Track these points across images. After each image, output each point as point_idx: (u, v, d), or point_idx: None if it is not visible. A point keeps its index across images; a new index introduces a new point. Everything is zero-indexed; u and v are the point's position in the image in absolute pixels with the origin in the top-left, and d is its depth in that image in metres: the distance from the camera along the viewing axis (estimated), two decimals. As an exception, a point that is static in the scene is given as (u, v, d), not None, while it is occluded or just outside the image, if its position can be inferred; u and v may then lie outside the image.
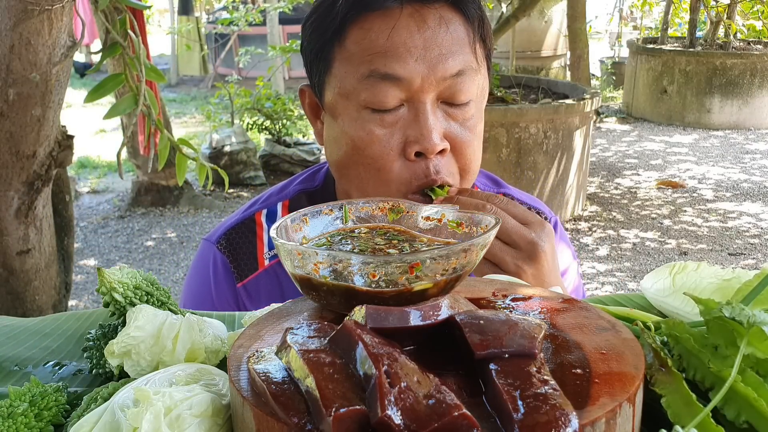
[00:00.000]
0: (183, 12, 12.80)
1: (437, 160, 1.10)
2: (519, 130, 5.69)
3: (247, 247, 1.30)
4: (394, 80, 1.07)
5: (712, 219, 6.21)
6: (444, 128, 1.11)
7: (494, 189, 1.38)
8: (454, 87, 1.10)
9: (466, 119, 1.13)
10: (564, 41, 10.84)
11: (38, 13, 1.76)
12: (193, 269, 1.37)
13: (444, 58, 1.08)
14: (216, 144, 7.12)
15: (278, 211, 1.33)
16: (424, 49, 1.07)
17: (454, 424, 0.50)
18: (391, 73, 1.07)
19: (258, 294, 1.28)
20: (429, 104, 1.09)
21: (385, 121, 1.10)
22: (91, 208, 6.69)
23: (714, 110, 9.53)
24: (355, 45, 1.10)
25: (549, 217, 1.36)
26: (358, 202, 0.84)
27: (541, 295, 0.76)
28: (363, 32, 1.09)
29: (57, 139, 2.12)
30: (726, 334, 0.65)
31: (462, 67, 1.10)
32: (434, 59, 1.08)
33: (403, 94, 1.09)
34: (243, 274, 1.29)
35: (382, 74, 1.07)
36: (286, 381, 0.58)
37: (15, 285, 2.23)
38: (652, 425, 0.61)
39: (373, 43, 1.08)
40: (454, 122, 1.12)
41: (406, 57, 1.07)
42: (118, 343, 0.75)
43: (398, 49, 1.07)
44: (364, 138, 1.11)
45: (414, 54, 1.07)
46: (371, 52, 1.08)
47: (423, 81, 1.08)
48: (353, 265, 0.69)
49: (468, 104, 1.12)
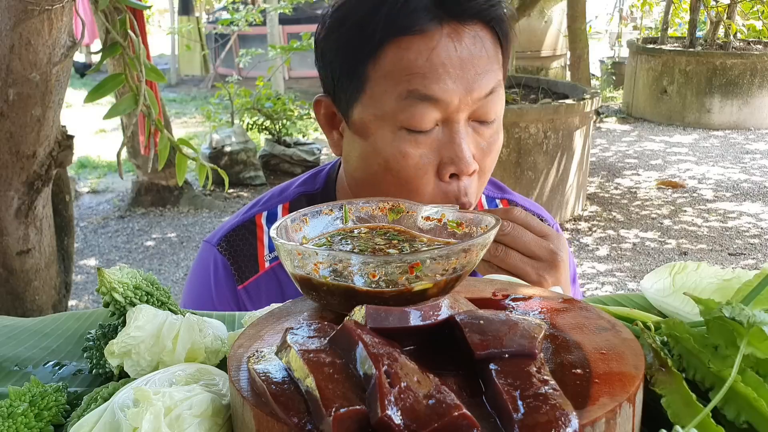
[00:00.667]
0: (183, 12, 12.80)
1: (468, 180, 1.11)
2: (519, 130, 5.69)
3: (247, 249, 1.30)
4: (433, 101, 1.06)
5: (712, 219, 6.21)
6: (474, 148, 1.11)
7: (498, 194, 1.38)
8: (486, 106, 1.10)
9: (492, 136, 1.13)
10: (564, 41, 10.85)
11: (38, 13, 1.76)
12: (193, 271, 1.36)
13: (480, 78, 1.08)
14: (216, 144, 7.12)
15: (278, 213, 1.33)
16: (461, 69, 1.06)
17: (454, 424, 0.50)
18: (431, 94, 1.06)
19: (259, 296, 1.28)
20: (462, 125, 1.09)
21: (420, 142, 1.09)
22: (91, 208, 6.69)
23: (714, 110, 9.53)
24: (392, 65, 1.08)
25: (551, 223, 1.37)
26: (358, 202, 0.84)
27: (541, 295, 0.76)
28: (401, 52, 1.07)
29: (57, 139, 2.12)
30: (726, 334, 0.65)
31: (494, 85, 1.09)
32: (470, 79, 1.07)
33: (440, 115, 1.08)
34: (244, 276, 1.29)
35: (422, 95, 1.06)
36: (286, 381, 0.58)
37: (15, 285, 2.23)
38: (652, 425, 0.61)
39: (412, 64, 1.06)
40: (482, 140, 1.12)
41: (444, 78, 1.06)
42: (118, 343, 0.75)
43: (437, 70, 1.06)
44: (399, 159, 1.10)
45: (452, 75, 1.06)
46: (409, 72, 1.06)
47: (460, 102, 1.07)
48: (353, 265, 0.69)
49: (494, 122, 1.13)
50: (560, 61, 11.61)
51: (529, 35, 10.89)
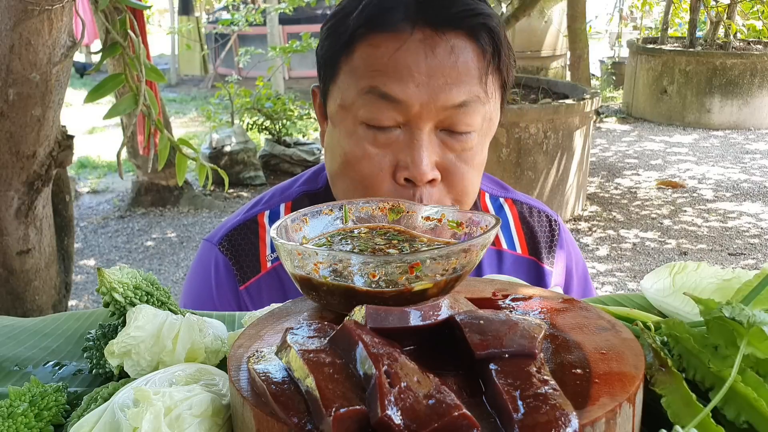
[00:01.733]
0: (183, 12, 12.81)
1: (426, 188, 1.08)
2: (519, 130, 5.69)
3: (249, 248, 1.29)
4: (392, 101, 1.06)
5: (712, 219, 6.21)
6: (438, 157, 1.09)
7: (502, 193, 1.37)
8: (455, 117, 1.07)
9: (464, 150, 1.10)
10: (564, 41, 10.84)
11: (38, 13, 1.75)
12: (193, 270, 1.35)
13: (448, 88, 1.06)
14: (216, 144, 7.12)
15: (281, 212, 1.32)
16: (428, 76, 1.05)
17: (454, 424, 0.50)
18: (390, 93, 1.06)
19: (260, 296, 1.27)
20: (425, 132, 1.07)
21: (379, 140, 1.08)
22: (91, 208, 6.69)
23: (714, 110, 9.53)
24: (360, 60, 1.09)
25: (556, 219, 1.36)
26: (358, 202, 0.84)
27: (541, 295, 0.76)
28: (371, 48, 1.08)
29: (57, 139, 2.12)
30: (726, 334, 0.65)
31: (466, 98, 1.07)
32: (437, 88, 1.05)
33: (401, 117, 1.07)
34: (245, 277, 1.28)
35: (381, 93, 1.06)
36: (286, 381, 0.58)
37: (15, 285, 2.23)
38: (652, 425, 0.61)
39: (377, 61, 1.07)
40: (451, 152, 1.10)
41: (407, 81, 1.05)
42: (118, 343, 0.75)
43: (401, 72, 1.05)
44: (357, 154, 1.10)
45: (417, 79, 1.05)
46: (374, 69, 1.07)
47: (422, 108, 1.06)
48: (353, 265, 0.69)
49: (468, 135, 1.10)
50: (560, 61, 11.60)
51: (529, 35, 10.89)
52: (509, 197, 1.37)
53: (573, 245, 1.39)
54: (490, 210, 1.35)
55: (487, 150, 1.19)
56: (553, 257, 1.33)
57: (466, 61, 1.07)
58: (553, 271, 1.32)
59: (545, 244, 1.33)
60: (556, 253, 1.33)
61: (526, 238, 1.33)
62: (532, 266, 1.32)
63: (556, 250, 1.33)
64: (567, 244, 1.37)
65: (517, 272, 1.30)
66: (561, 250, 1.34)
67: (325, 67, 1.15)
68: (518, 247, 1.32)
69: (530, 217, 1.34)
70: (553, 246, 1.33)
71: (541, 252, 1.32)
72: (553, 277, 1.32)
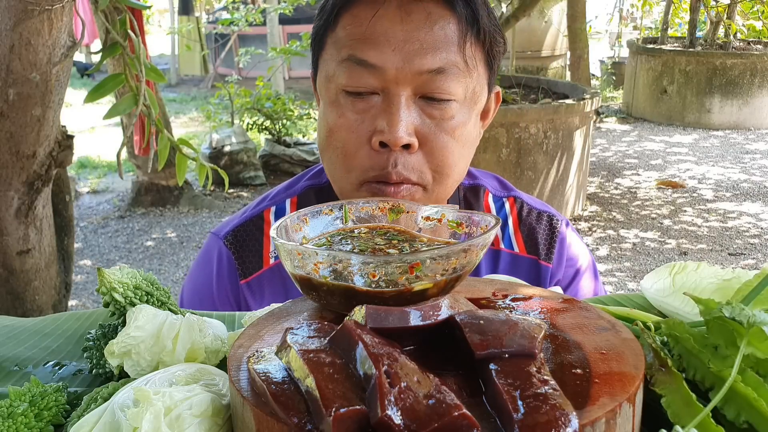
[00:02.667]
0: (183, 12, 12.81)
1: (401, 155, 1.09)
2: (519, 130, 5.69)
3: (253, 244, 1.31)
4: (369, 67, 1.08)
5: (712, 219, 6.21)
6: (416, 124, 1.09)
7: (503, 193, 1.37)
8: (432, 83, 1.08)
9: (444, 119, 1.11)
10: (564, 41, 10.84)
11: (38, 13, 1.76)
12: (196, 262, 1.37)
13: (423, 53, 1.07)
14: (216, 144, 7.12)
15: (287, 208, 1.34)
16: (404, 41, 1.07)
17: (454, 424, 0.50)
18: (366, 59, 1.07)
19: (261, 292, 1.29)
20: (403, 97, 1.08)
21: (358, 106, 1.10)
22: (91, 208, 6.69)
23: (714, 110, 9.53)
24: (342, 30, 1.11)
25: (560, 219, 1.36)
26: (358, 202, 0.85)
27: (541, 295, 0.76)
28: (351, 18, 1.10)
29: (57, 139, 2.12)
30: (726, 334, 0.65)
31: (443, 65, 1.08)
32: (412, 52, 1.07)
33: (378, 83, 1.09)
34: (247, 272, 1.29)
35: (358, 60, 1.08)
36: (286, 381, 0.58)
37: (15, 285, 2.23)
38: (652, 425, 0.61)
39: (356, 29, 1.09)
40: (430, 120, 1.10)
41: (383, 46, 1.07)
42: (118, 343, 0.75)
43: (378, 38, 1.07)
44: (337, 121, 1.12)
45: (392, 44, 1.07)
46: (353, 38, 1.09)
47: (397, 72, 1.07)
48: (353, 265, 0.69)
49: (448, 103, 1.10)
50: (560, 61, 11.61)
51: (529, 35, 10.89)
52: (512, 196, 1.37)
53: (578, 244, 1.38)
54: (492, 209, 1.35)
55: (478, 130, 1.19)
56: (554, 253, 1.33)
57: (442, 27, 1.09)
58: (551, 267, 1.32)
59: (544, 242, 1.33)
60: (556, 250, 1.33)
61: (524, 237, 1.33)
62: (531, 264, 1.32)
63: (556, 246, 1.33)
64: (573, 242, 1.36)
65: (515, 271, 1.30)
66: (562, 247, 1.34)
67: (314, 43, 1.18)
68: (516, 247, 1.32)
69: (529, 217, 1.34)
70: (553, 243, 1.33)
71: (540, 250, 1.32)
72: (554, 273, 1.32)
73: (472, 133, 1.17)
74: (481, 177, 1.39)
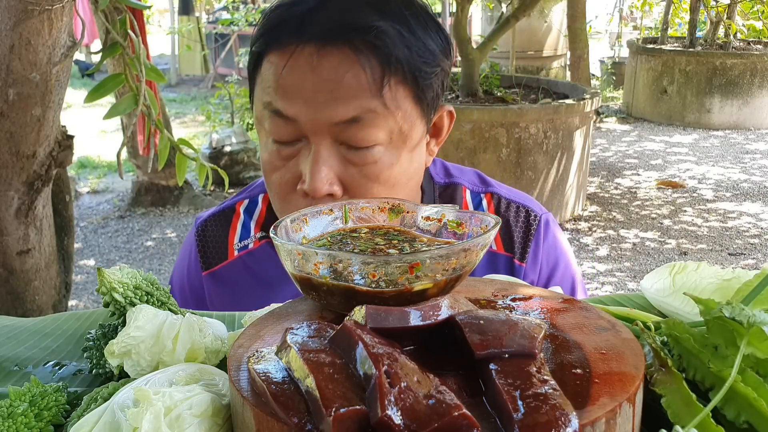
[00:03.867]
0: (183, 12, 12.80)
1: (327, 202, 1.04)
2: (519, 130, 5.69)
3: (219, 235, 1.33)
4: (284, 118, 1.07)
5: (712, 219, 6.21)
6: (338, 172, 1.07)
7: (482, 188, 1.35)
8: (348, 132, 1.05)
9: (366, 164, 1.08)
10: (564, 41, 10.84)
11: (38, 13, 1.75)
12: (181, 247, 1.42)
13: (335, 104, 1.04)
14: (216, 144, 7.12)
15: (259, 202, 1.35)
16: (313, 92, 1.04)
17: (454, 424, 0.50)
18: (281, 110, 1.06)
19: (225, 283, 1.31)
20: (323, 147, 1.06)
21: (283, 154, 1.10)
22: (91, 208, 6.69)
23: (714, 110, 9.53)
24: (263, 76, 1.10)
25: (539, 214, 1.32)
26: (359, 202, 0.85)
27: (541, 295, 0.76)
28: (269, 65, 1.09)
29: (57, 139, 2.12)
30: (726, 334, 0.65)
31: (357, 114, 1.04)
32: (323, 104, 1.04)
33: (297, 133, 1.07)
34: (209, 263, 1.32)
35: (273, 110, 1.07)
36: (286, 381, 0.58)
37: (15, 285, 2.23)
38: (652, 425, 0.61)
39: (272, 78, 1.07)
40: (352, 167, 1.08)
41: (294, 98, 1.05)
42: (118, 343, 0.75)
43: (288, 89, 1.05)
44: (267, 166, 1.13)
45: (303, 95, 1.05)
46: (269, 86, 1.08)
47: (312, 124, 1.05)
48: (353, 265, 0.69)
49: (370, 150, 1.07)
50: (560, 61, 11.61)
51: (530, 35, 10.89)
52: (489, 191, 1.34)
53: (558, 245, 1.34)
54: (470, 206, 1.33)
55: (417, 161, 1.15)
56: (528, 253, 1.30)
57: (355, 75, 1.04)
58: (525, 267, 1.29)
59: (519, 239, 1.30)
60: (531, 249, 1.30)
61: (502, 234, 1.30)
62: (506, 262, 1.29)
63: (531, 245, 1.30)
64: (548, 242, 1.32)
65: (492, 269, 1.28)
66: (537, 247, 1.31)
67: (249, 78, 1.17)
68: (493, 244, 1.30)
69: (506, 212, 1.31)
70: (528, 241, 1.30)
71: (515, 247, 1.30)
72: (527, 273, 1.29)
73: (406, 171, 1.13)
74: (458, 175, 1.36)
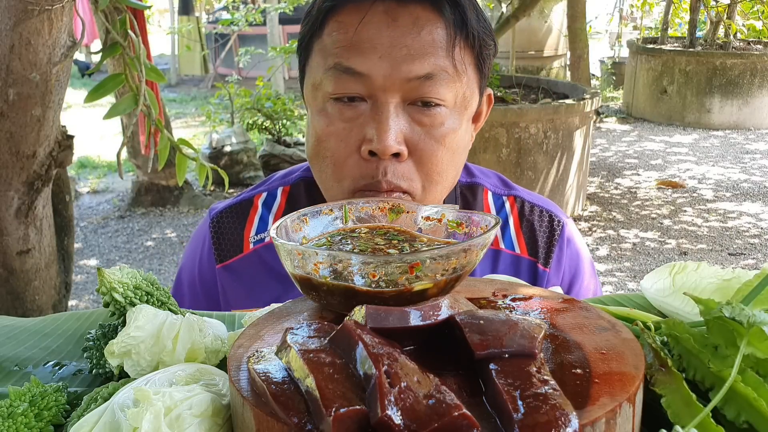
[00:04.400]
0: (183, 12, 12.81)
1: (391, 163, 1.07)
2: (519, 130, 5.69)
3: (235, 228, 1.32)
4: (355, 75, 1.06)
5: (712, 219, 6.21)
6: (406, 132, 1.07)
7: (504, 191, 1.35)
8: (421, 89, 1.06)
9: (433, 126, 1.08)
10: (564, 41, 10.84)
11: (38, 13, 1.75)
12: (191, 238, 1.40)
13: (411, 59, 1.05)
14: (216, 144, 7.12)
15: (278, 195, 1.34)
16: (391, 47, 1.04)
17: (454, 424, 0.50)
18: (353, 67, 1.05)
19: (240, 276, 1.29)
20: (392, 105, 1.06)
21: (346, 114, 1.08)
22: (91, 208, 6.69)
23: (714, 110, 9.53)
24: (329, 37, 1.09)
25: (562, 220, 1.33)
26: (358, 202, 0.85)
27: (541, 295, 0.76)
28: (337, 25, 1.08)
29: (57, 139, 2.12)
30: (726, 334, 0.65)
31: (431, 70, 1.05)
32: (400, 59, 1.04)
33: (366, 91, 1.06)
34: (224, 255, 1.30)
35: (345, 68, 1.06)
36: (286, 381, 0.58)
37: (15, 285, 2.23)
38: (652, 425, 0.61)
39: (342, 36, 1.07)
40: (419, 127, 1.08)
41: (369, 53, 1.05)
42: (118, 343, 0.75)
43: (363, 45, 1.05)
44: (325, 130, 1.10)
45: (379, 51, 1.05)
46: (339, 45, 1.07)
47: (385, 80, 1.05)
48: (353, 265, 0.69)
49: (437, 109, 1.08)
50: (560, 61, 11.60)
51: (530, 35, 10.89)
52: (512, 194, 1.35)
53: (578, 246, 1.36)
54: (492, 208, 1.33)
55: (469, 135, 1.17)
56: (552, 258, 1.30)
57: (430, 32, 1.06)
58: (549, 272, 1.30)
59: (544, 244, 1.31)
60: (555, 254, 1.31)
61: (525, 238, 1.31)
62: (529, 267, 1.30)
63: (555, 250, 1.30)
64: (571, 249, 1.33)
65: (514, 272, 1.28)
66: (561, 252, 1.31)
67: (300, 51, 1.16)
68: (517, 247, 1.30)
69: (530, 216, 1.32)
70: (552, 246, 1.31)
71: (539, 252, 1.30)
72: (550, 278, 1.30)
73: (463, 139, 1.14)
74: (480, 175, 1.36)
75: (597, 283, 1.38)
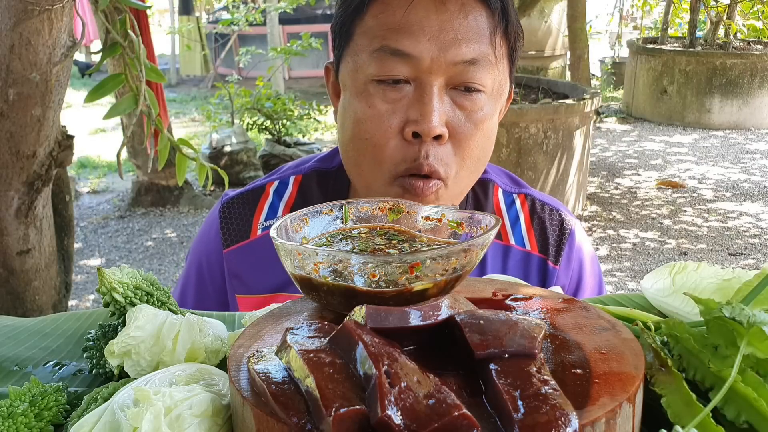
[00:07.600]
0: (183, 12, 12.81)
1: (432, 146, 1.09)
2: (519, 130, 5.69)
3: (244, 214, 1.32)
4: (403, 57, 1.07)
5: (712, 219, 6.21)
6: (447, 115, 1.09)
7: (514, 188, 1.37)
8: (465, 74, 1.09)
9: (473, 110, 1.11)
10: (564, 41, 10.84)
11: (38, 13, 1.75)
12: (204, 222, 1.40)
13: (458, 43, 1.07)
14: (216, 144, 7.12)
15: (290, 183, 1.34)
16: (439, 30, 1.07)
17: (454, 424, 0.50)
18: (402, 49, 1.07)
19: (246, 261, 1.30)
20: (436, 87, 1.08)
21: (389, 96, 1.09)
22: (91, 208, 6.69)
23: (714, 110, 9.53)
24: (373, 19, 1.10)
25: (571, 219, 1.34)
26: (358, 202, 0.85)
27: (541, 295, 0.76)
28: (382, 6, 1.09)
29: (57, 139, 2.12)
30: (726, 334, 0.65)
31: (476, 56, 1.08)
32: (447, 42, 1.07)
33: (411, 73, 1.08)
34: (230, 240, 1.31)
35: (393, 50, 1.07)
36: (286, 381, 0.58)
37: (15, 285, 2.23)
38: (652, 425, 0.61)
39: (389, 18, 1.08)
40: (460, 111, 1.10)
41: (419, 35, 1.07)
42: (118, 343, 0.75)
43: (412, 27, 1.07)
44: (366, 111, 1.10)
45: (427, 33, 1.07)
46: (386, 27, 1.08)
47: (432, 62, 1.07)
48: (353, 265, 0.69)
49: (478, 94, 1.11)
50: (560, 61, 11.60)
51: (529, 35, 10.87)
52: (522, 192, 1.36)
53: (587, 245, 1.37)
54: (502, 205, 1.34)
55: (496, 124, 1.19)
56: (562, 256, 1.32)
57: (476, 20, 1.09)
58: (558, 270, 1.31)
59: (554, 242, 1.32)
60: (564, 252, 1.32)
61: (536, 235, 1.32)
62: (539, 264, 1.31)
63: (564, 248, 1.32)
64: (580, 244, 1.35)
65: (524, 269, 1.29)
66: (571, 251, 1.33)
67: (339, 34, 1.16)
68: (527, 244, 1.31)
69: (541, 213, 1.33)
70: (562, 244, 1.32)
71: (550, 250, 1.31)
72: (560, 276, 1.31)
73: (495, 127, 1.18)
74: (490, 172, 1.38)
75: (602, 282, 1.39)
